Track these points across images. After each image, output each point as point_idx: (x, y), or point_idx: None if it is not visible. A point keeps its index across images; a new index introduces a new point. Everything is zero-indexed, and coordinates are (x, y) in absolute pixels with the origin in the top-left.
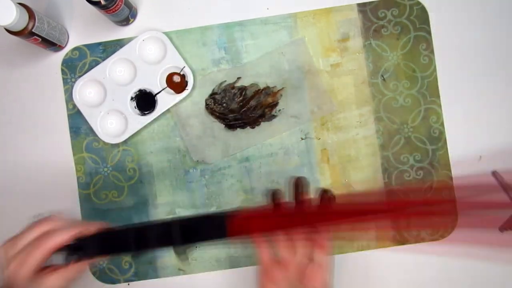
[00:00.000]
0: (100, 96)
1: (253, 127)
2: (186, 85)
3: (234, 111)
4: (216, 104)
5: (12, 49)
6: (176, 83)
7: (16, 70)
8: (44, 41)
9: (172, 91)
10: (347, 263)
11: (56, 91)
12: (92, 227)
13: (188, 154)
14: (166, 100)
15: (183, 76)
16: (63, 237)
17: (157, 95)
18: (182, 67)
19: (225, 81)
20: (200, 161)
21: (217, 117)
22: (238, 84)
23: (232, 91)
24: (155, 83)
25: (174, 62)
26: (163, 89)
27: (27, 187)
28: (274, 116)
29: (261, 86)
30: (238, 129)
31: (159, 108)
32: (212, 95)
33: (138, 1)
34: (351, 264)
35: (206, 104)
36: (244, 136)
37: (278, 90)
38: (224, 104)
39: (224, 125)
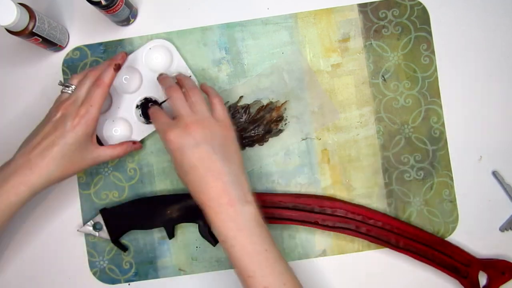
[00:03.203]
0: (106, 103)
1: (261, 144)
2: None
3: (241, 130)
4: None
5: (12, 49)
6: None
7: (16, 70)
8: (45, 41)
9: None
10: (347, 263)
11: (57, 92)
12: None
13: None
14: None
15: None
16: (110, 73)
17: (163, 104)
18: (188, 76)
19: (228, 101)
20: None
21: None
22: (241, 103)
23: (236, 110)
24: (160, 92)
25: (180, 71)
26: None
27: None
28: (281, 131)
29: (264, 102)
30: (246, 148)
31: None
32: None
33: (139, 1)
34: (351, 264)
35: None
36: (254, 154)
37: (282, 104)
38: None
39: None
